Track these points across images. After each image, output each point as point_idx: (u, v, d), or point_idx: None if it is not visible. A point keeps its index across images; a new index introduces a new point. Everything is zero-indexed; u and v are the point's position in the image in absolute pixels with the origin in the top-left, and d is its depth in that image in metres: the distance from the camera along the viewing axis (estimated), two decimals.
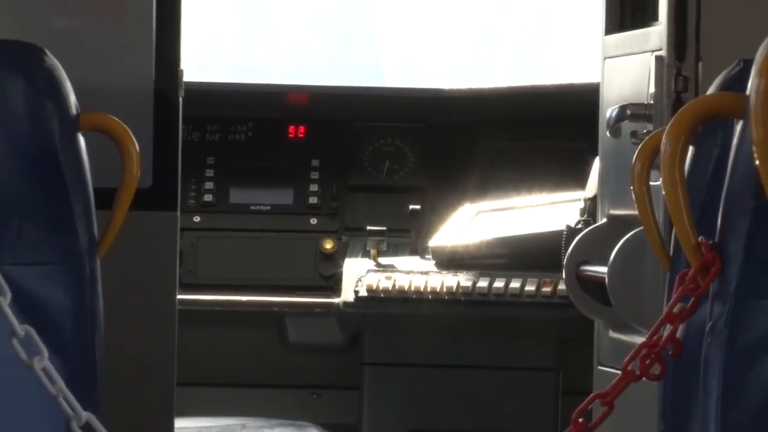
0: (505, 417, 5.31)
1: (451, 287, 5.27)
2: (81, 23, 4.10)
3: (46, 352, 2.79)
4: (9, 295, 2.66)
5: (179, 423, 3.89)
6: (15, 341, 2.65)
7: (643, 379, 2.76)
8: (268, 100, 5.70)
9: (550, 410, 5.22)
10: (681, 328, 2.73)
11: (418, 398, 5.33)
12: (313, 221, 5.62)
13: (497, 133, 5.62)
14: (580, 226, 4.51)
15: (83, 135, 2.91)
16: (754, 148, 2.20)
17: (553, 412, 5.10)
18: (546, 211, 5.33)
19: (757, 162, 2.19)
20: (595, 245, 4.12)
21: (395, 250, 5.51)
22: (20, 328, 2.76)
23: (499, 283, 5.22)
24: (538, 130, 5.61)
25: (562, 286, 4.67)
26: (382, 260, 5.42)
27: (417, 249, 5.48)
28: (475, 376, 5.35)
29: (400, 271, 5.40)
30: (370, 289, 5.29)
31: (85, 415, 2.94)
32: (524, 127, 5.65)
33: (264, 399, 5.51)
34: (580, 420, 2.80)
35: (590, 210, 4.54)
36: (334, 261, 5.53)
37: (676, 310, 2.69)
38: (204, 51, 5.89)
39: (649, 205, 2.78)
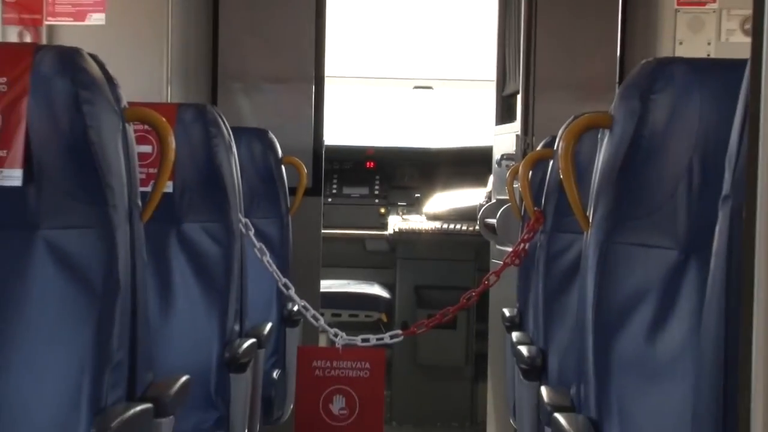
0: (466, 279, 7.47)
1: (429, 228, 7.78)
2: None
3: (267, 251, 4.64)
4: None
5: None
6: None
7: (513, 266, 4.53)
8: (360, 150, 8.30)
9: (473, 276, 7.38)
10: (527, 245, 4.37)
11: (422, 269, 7.71)
12: (376, 201, 8.09)
13: (451, 166, 8.25)
14: (484, 202, 6.54)
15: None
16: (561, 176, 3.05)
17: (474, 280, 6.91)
18: (472, 195, 7.58)
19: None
20: (490, 210, 6.02)
21: (408, 213, 7.92)
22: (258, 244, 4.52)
23: (451, 226, 7.73)
24: (471, 162, 7.97)
25: (477, 227, 6.50)
26: (405, 217, 7.90)
27: (419, 212, 7.99)
28: (445, 267, 7.75)
29: (410, 221, 7.78)
30: (398, 228, 7.73)
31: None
32: (465, 163, 8.14)
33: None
34: (468, 299, 4.59)
35: (488, 196, 6.73)
36: (385, 217, 7.94)
37: (525, 237, 4.35)
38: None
39: (510, 188, 4.94)
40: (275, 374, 4.96)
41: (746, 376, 1.30)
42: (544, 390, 3.01)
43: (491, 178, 6.52)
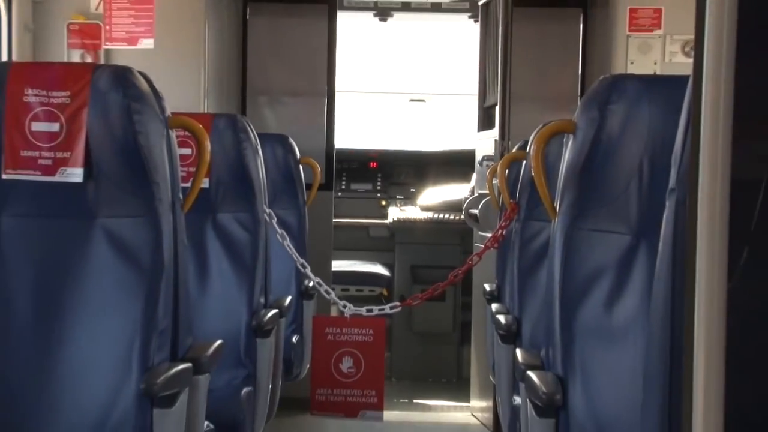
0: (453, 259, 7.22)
1: (422, 217, 7.64)
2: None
3: (287, 237, 4.53)
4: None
5: None
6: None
7: (492, 249, 4.52)
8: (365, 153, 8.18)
9: (459, 257, 7.12)
10: (504, 231, 4.36)
11: (417, 251, 7.56)
12: (378, 195, 7.93)
13: (440, 165, 8.08)
14: (468, 196, 6.43)
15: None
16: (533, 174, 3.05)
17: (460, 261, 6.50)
18: (458, 190, 7.53)
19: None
20: (473, 203, 5.83)
21: (405, 205, 7.80)
22: (280, 230, 4.46)
23: (441, 215, 7.59)
24: (457, 163, 7.88)
25: (462, 217, 6.20)
26: (402, 208, 7.78)
27: (414, 204, 7.88)
28: (435, 249, 7.53)
29: (406, 212, 7.68)
30: (396, 217, 7.59)
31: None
32: (452, 163, 7.99)
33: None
34: (455, 276, 4.59)
35: (471, 190, 6.64)
36: (386, 208, 7.79)
37: (503, 224, 4.35)
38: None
39: (497, 184, 4.77)
40: (294, 339, 4.96)
41: (690, 340, 1.29)
42: (518, 352, 3.02)
43: (474, 176, 6.49)
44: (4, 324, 2.65)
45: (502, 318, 3.97)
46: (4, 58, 5.01)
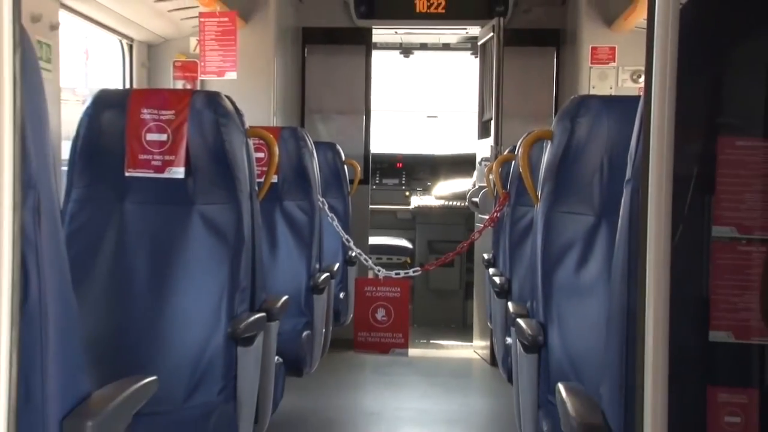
0: (460, 235, 7.02)
1: (436, 204, 7.53)
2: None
3: (336, 219, 4.52)
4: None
5: None
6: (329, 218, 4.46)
7: (489, 228, 4.44)
8: (393, 156, 8.02)
9: (464, 234, 6.75)
10: (498, 214, 4.28)
11: (432, 229, 7.40)
12: (403, 187, 7.80)
13: (450, 165, 7.94)
14: (470, 188, 6.29)
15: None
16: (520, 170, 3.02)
17: (465, 236, 6.11)
18: (463, 184, 7.45)
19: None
20: (474, 193, 5.76)
21: (423, 195, 7.72)
22: (330, 214, 4.44)
23: (450, 203, 7.46)
24: (462, 163, 7.74)
25: (466, 203, 6.04)
26: (421, 197, 7.66)
27: (430, 194, 7.76)
28: (446, 228, 7.38)
29: (424, 200, 7.60)
30: (417, 204, 7.48)
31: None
32: (458, 163, 7.87)
33: None
34: (461, 248, 4.58)
35: (473, 184, 6.41)
36: (409, 198, 7.66)
37: (497, 209, 4.28)
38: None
39: (491, 179, 4.68)
40: (341, 295, 4.96)
41: (643, 292, 1.28)
42: (509, 304, 2.99)
43: (475, 173, 6.43)
44: (128, 283, 2.66)
45: (497, 279, 3.96)
46: (127, 87, 5.08)
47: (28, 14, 3.34)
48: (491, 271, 4.29)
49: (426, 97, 8.88)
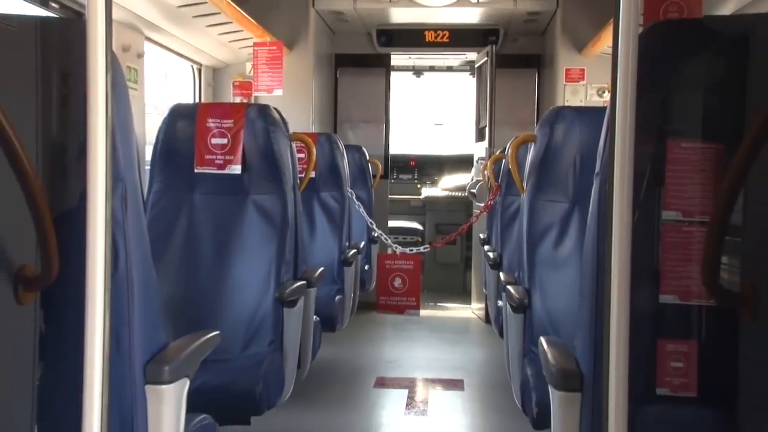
0: (461, 219, 6.65)
1: (442, 195, 7.34)
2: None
3: (362, 206, 4.32)
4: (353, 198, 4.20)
5: None
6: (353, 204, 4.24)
7: (485, 213, 4.34)
8: (408, 156, 7.74)
9: (465, 219, 6.48)
10: (492, 202, 4.19)
11: (439, 215, 7.20)
12: (416, 181, 7.61)
13: (453, 163, 7.62)
14: (470, 181, 5.87)
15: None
16: (510, 167, 2.99)
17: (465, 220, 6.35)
18: (463, 178, 7.14)
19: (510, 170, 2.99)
20: (473, 185, 5.48)
21: (431, 187, 7.52)
22: (357, 203, 4.30)
23: (453, 193, 7.26)
24: (463, 162, 7.40)
25: (466, 194, 5.83)
26: (430, 189, 7.43)
27: (438, 186, 7.54)
28: (450, 214, 7.14)
29: (433, 191, 7.40)
30: (426, 195, 7.35)
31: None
32: (460, 162, 7.49)
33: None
34: (462, 230, 4.51)
35: (472, 178, 5.98)
36: (420, 189, 7.51)
37: (490, 198, 4.17)
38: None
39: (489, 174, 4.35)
40: (366, 267, 4.95)
41: (609, 265, 1.27)
42: (501, 274, 2.98)
43: (473, 169, 6.29)
44: (197, 257, 2.66)
45: (490, 254, 3.94)
46: (196, 102, 5.07)
47: (120, 45, 3.35)
48: (486, 247, 4.27)
49: (434, 109, 8.81)
